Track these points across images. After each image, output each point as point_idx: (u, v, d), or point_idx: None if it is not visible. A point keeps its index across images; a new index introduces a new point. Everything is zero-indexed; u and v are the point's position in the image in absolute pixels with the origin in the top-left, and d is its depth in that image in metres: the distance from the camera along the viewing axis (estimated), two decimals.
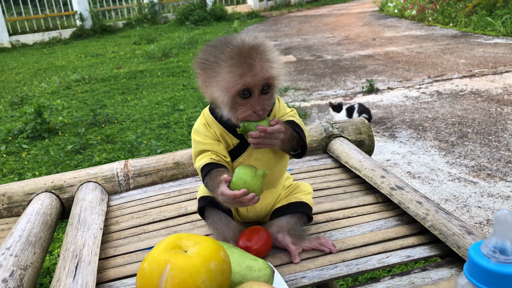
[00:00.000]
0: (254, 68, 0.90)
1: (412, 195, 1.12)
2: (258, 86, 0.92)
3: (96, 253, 0.98)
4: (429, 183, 2.87)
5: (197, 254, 0.66)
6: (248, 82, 0.91)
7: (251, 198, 0.89)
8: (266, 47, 0.94)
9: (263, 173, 0.93)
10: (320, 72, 6.05)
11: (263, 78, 0.91)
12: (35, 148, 4.05)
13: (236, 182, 0.91)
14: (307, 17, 12.75)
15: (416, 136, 3.61)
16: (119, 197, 1.40)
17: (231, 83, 0.91)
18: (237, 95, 0.93)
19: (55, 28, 12.21)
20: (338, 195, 1.28)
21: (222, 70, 0.92)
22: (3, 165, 3.72)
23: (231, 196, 0.89)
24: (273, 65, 0.94)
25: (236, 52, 0.91)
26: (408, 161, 3.20)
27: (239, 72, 0.90)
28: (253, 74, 0.90)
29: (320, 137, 1.62)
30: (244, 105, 0.94)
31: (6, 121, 4.96)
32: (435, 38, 7.58)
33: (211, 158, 1.02)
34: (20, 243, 1.02)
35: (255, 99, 0.94)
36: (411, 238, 1.02)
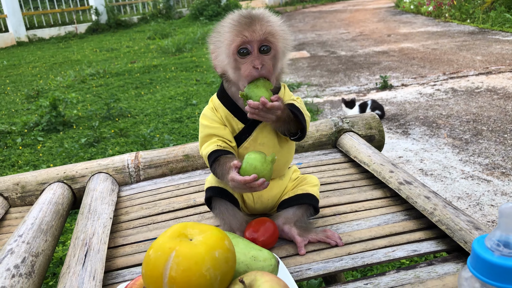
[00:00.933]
0: (252, 24, 0.95)
1: (420, 190, 1.12)
2: (256, 42, 0.96)
3: (105, 242, 1.00)
4: (442, 180, 2.84)
5: (202, 242, 0.67)
6: (246, 37, 0.95)
7: (261, 183, 0.91)
8: (269, 14, 1.00)
9: (272, 159, 0.94)
10: (333, 68, 6.02)
11: (261, 34, 0.95)
12: (50, 141, 4.11)
13: (246, 167, 0.92)
14: (322, 13, 12.67)
15: (430, 133, 3.58)
16: (129, 188, 1.43)
17: (231, 40, 0.96)
18: (237, 53, 0.96)
19: (71, 23, 12.35)
20: (346, 189, 1.28)
21: (225, 31, 0.98)
22: (19, 157, 3.79)
23: (242, 181, 0.90)
24: (273, 25, 0.97)
25: (238, 14, 0.98)
26: (421, 158, 3.17)
27: (239, 29, 0.95)
28: (251, 30, 0.95)
29: (330, 131, 1.62)
30: (244, 62, 0.97)
31: (23, 114, 5.04)
32: (451, 34, 7.47)
33: (217, 145, 1.03)
34: (32, 231, 1.04)
35: (254, 55, 0.96)
36: (418, 233, 1.02)
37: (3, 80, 7.04)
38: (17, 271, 0.90)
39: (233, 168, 0.94)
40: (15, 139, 4.17)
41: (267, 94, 0.95)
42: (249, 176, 0.90)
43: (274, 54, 0.99)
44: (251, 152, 0.95)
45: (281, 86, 1.11)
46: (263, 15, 0.98)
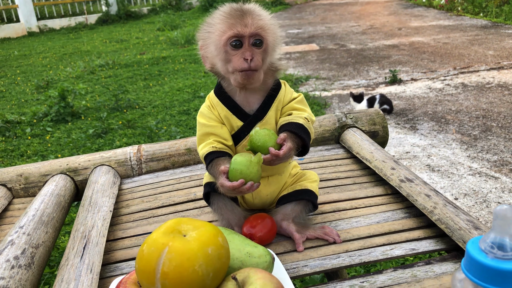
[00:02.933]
0: (244, 18, 0.96)
1: (421, 188, 1.10)
2: (248, 36, 0.96)
3: (104, 235, 1.00)
4: (449, 176, 2.82)
5: (195, 238, 0.67)
6: (238, 30, 0.95)
7: (250, 187, 0.91)
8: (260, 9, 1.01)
9: (258, 160, 0.93)
10: (342, 61, 5.97)
11: (252, 27, 0.95)
12: (58, 131, 4.14)
13: (232, 173, 0.92)
14: (332, 5, 12.56)
15: (438, 128, 3.54)
16: (131, 181, 1.43)
17: (222, 31, 0.97)
18: (228, 44, 0.97)
19: (81, 13, 12.39)
20: (347, 186, 1.27)
21: (216, 22, 0.99)
22: (28, 147, 3.83)
23: (230, 187, 0.91)
24: (265, 22, 0.98)
25: (229, 9, 0.98)
26: (428, 154, 3.14)
27: (230, 21, 0.96)
28: (243, 24, 0.95)
29: (333, 127, 1.60)
30: (235, 54, 0.97)
31: (32, 104, 5.09)
32: (463, 28, 7.37)
33: (213, 147, 1.03)
34: (33, 222, 1.05)
35: (245, 48, 0.97)
36: (417, 231, 1.01)
37: (13, 70, 7.10)
38: (16, 262, 0.91)
39: (222, 174, 0.94)
40: (25, 129, 4.21)
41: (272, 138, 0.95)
42: (237, 181, 0.90)
43: (265, 48, 0.99)
44: (237, 155, 0.94)
45: (282, 84, 1.10)
46: (254, 9, 0.98)
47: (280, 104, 1.07)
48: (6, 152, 3.76)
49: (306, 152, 1.05)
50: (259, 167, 0.93)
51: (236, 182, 0.90)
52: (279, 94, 1.07)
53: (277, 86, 1.08)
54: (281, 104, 1.07)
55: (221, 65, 1.01)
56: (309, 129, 1.04)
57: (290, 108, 1.07)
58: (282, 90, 1.08)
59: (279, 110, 1.07)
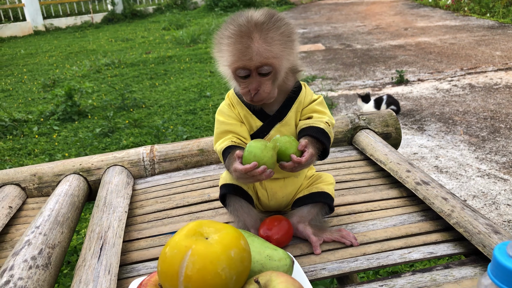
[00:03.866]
0: (250, 50, 0.91)
1: (437, 191, 1.10)
2: (254, 68, 0.93)
3: (120, 236, 1.00)
4: (457, 178, 2.80)
5: (218, 241, 0.67)
6: (243, 63, 0.93)
7: (262, 170, 0.89)
8: (272, 25, 0.93)
9: (274, 145, 0.92)
10: (349, 62, 5.95)
11: (258, 62, 0.92)
12: (65, 130, 4.15)
13: (246, 156, 0.91)
14: (338, 5, 12.52)
15: (446, 129, 3.53)
16: (144, 182, 1.43)
17: (229, 61, 0.95)
18: (236, 75, 0.96)
19: (87, 12, 12.41)
20: (361, 188, 1.27)
21: (224, 47, 0.95)
22: (35, 145, 3.84)
23: (242, 170, 0.90)
24: (273, 49, 0.93)
25: (236, 31, 0.93)
26: (436, 155, 3.13)
27: (236, 52, 0.93)
28: (247, 58, 0.92)
29: (345, 128, 1.60)
30: (242, 83, 0.97)
31: (39, 103, 5.10)
32: (470, 29, 7.33)
33: (232, 141, 1.03)
34: (49, 223, 1.05)
35: (252, 79, 0.95)
36: (435, 235, 1.00)
37: (20, 69, 7.12)
38: (34, 263, 0.91)
39: (236, 158, 0.93)
40: (32, 127, 4.22)
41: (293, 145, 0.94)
42: (249, 164, 0.89)
43: (275, 73, 0.96)
44: (252, 141, 0.94)
45: (302, 86, 1.09)
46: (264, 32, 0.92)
47: (301, 105, 1.07)
48: (13, 150, 3.77)
49: (326, 156, 1.04)
50: (274, 153, 0.92)
51: (249, 164, 0.89)
52: (299, 96, 1.07)
53: (298, 88, 1.07)
54: (301, 106, 1.07)
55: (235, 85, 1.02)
56: (330, 134, 1.03)
57: (311, 110, 1.07)
58: (303, 91, 1.08)
59: (299, 112, 1.07)
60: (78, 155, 3.47)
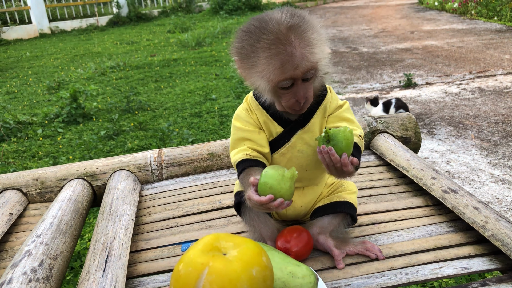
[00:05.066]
0: (294, 58, 0.82)
1: (467, 200, 1.02)
2: (301, 76, 0.85)
3: (127, 246, 0.93)
4: (470, 183, 2.73)
5: (238, 258, 0.60)
6: (290, 74, 0.83)
7: (279, 204, 0.81)
8: (305, 26, 0.85)
9: (292, 175, 0.84)
10: (355, 65, 5.89)
11: (305, 68, 0.84)
12: (69, 133, 4.11)
13: (262, 186, 0.83)
14: (343, 9, 12.48)
15: (456, 134, 3.45)
16: (151, 187, 1.36)
17: (271, 75, 0.84)
18: (278, 87, 0.86)
19: (92, 15, 12.42)
20: (383, 196, 1.19)
21: (261, 60, 0.85)
22: (39, 148, 3.79)
23: (258, 202, 0.81)
24: (315, 50, 0.85)
25: (273, 40, 0.82)
26: (447, 160, 3.05)
27: (279, 63, 0.83)
28: (294, 67, 0.83)
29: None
30: (286, 94, 0.87)
31: (44, 105, 5.06)
32: (477, 32, 7.26)
33: (247, 154, 0.95)
34: (51, 231, 0.98)
35: (298, 87, 0.86)
36: (467, 248, 0.93)
37: (25, 71, 7.10)
38: (34, 275, 0.84)
39: (251, 186, 0.85)
40: (36, 130, 4.18)
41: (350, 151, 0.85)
42: (265, 196, 0.81)
43: (315, 75, 0.89)
44: (268, 168, 0.85)
45: (328, 90, 1.02)
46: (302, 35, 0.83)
47: (326, 111, 0.99)
48: (17, 153, 3.72)
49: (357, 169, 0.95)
50: (292, 183, 0.84)
51: (264, 197, 0.80)
52: (324, 101, 0.99)
53: (323, 92, 1.00)
54: (327, 112, 0.99)
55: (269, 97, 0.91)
56: (361, 148, 0.96)
57: (339, 119, 0.99)
58: (328, 96, 1.00)
59: (325, 118, 0.99)
60: (82, 158, 3.41)
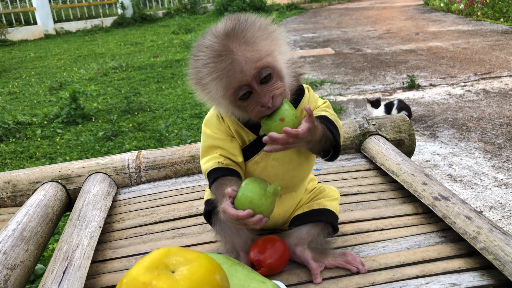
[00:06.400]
0: (236, 63, 0.75)
1: (459, 208, 0.94)
2: (252, 78, 0.77)
3: (89, 256, 0.87)
4: (472, 187, 2.65)
5: (186, 277, 0.53)
6: (237, 82, 0.76)
7: (257, 220, 0.74)
8: (246, 26, 0.77)
9: (275, 191, 0.77)
10: (358, 66, 5.82)
11: (252, 70, 0.76)
12: (68, 133, 4.08)
13: (241, 200, 0.76)
14: (348, 10, 12.42)
15: (459, 136, 3.38)
16: (128, 191, 1.29)
17: (222, 90, 0.78)
18: (236, 99, 0.78)
19: (97, 16, 12.44)
20: (371, 202, 1.11)
21: (207, 80, 0.79)
22: (37, 148, 3.76)
23: (234, 216, 0.74)
24: (260, 48, 0.77)
25: (209, 54, 0.77)
26: (449, 163, 2.98)
27: (224, 75, 0.76)
28: (239, 72, 0.75)
29: (353, 134, 1.44)
30: (249, 104, 0.79)
31: (44, 106, 5.04)
32: (483, 33, 7.16)
33: (219, 162, 0.87)
34: (12, 238, 0.92)
35: (257, 93, 0.78)
36: (457, 261, 0.85)
37: (28, 71, 7.11)
38: None
39: (227, 197, 0.77)
40: (35, 130, 4.16)
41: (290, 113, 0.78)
42: (243, 211, 0.74)
43: (278, 73, 0.80)
44: (249, 180, 0.78)
45: (305, 90, 0.93)
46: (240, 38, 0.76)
47: (303, 113, 0.90)
48: (15, 153, 3.70)
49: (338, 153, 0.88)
50: (274, 200, 0.77)
51: (243, 211, 0.73)
52: (301, 103, 0.90)
53: (299, 92, 0.91)
54: (304, 113, 0.90)
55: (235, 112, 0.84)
56: (336, 122, 0.87)
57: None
58: (305, 97, 0.92)
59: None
60: (79, 159, 3.37)
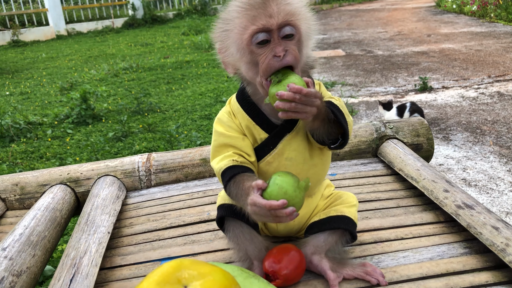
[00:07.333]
0: (268, 7, 0.76)
1: (485, 217, 0.89)
2: (276, 27, 0.76)
3: (96, 264, 0.84)
4: (487, 192, 2.60)
5: None
6: (262, 23, 0.76)
7: (290, 212, 0.71)
8: None
9: (306, 185, 0.75)
10: (370, 68, 5.76)
11: (280, 16, 0.76)
12: (79, 134, 4.08)
13: (274, 191, 0.73)
14: (359, 11, 12.34)
15: (473, 140, 3.32)
16: (138, 195, 1.26)
17: (242, 28, 0.78)
18: (253, 43, 0.77)
19: (108, 17, 12.50)
20: (389, 210, 1.07)
21: (234, 17, 0.79)
22: (47, 149, 3.77)
23: (267, 206, 0.71)
24: (295, 8, 0.78)
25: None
26: (464, 167, 2.92)
27: (251, 14, 0.77)
28: (267, 14, 0.76)
29: (370, 137, 1.40)
30: (263, 53, 0.77)
31: (55, 106, 5.06)
32: (497, 35, 7.06)
33: (233, 160, 0.83)
34: (19, 243, 0.89)
35: (275, 42, 0.77)
36: (484, 274, 0.80)
37: (40, 72, 7.16)
38: None
39: (255, 189, 0.74)
40: (46, 130, 4.17)
41: (300, 82, 0.75)
42: (277, 201, 0.70)
43: (299, 38, 0.79)
44: (281, 172, 0.75)
45: (316, 85, 0.90)
46: None
47: None
48: (26, 153, 3.71)
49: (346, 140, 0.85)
50: (304, 194, 0.75)
51: (277, 201, 0.70)
52: None
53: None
54: None
55: (247, 69, 0.81)
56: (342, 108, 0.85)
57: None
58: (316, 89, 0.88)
59: None
60: (89, 160, 3.36)
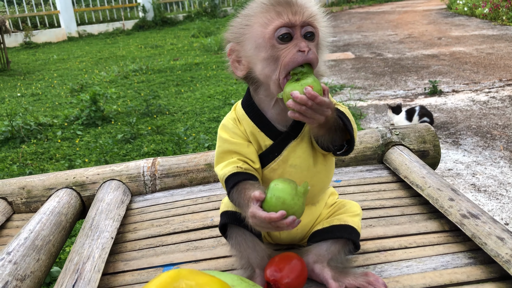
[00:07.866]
0: (293, 5, 0.79)
1: (490, 228, 0.88)
2: (300, 25, 0.78)
3: (99, 269, 0.84)
4: (497, 198, 2.57)
5: None
6: (287, 18, 0.78)
7: (291, 222, 0.71)
8: None
9: (305, 190, 0.74)
10: (379, 71, 5.73)
11: (304, 15, 0.78)
12: (88, 135, 4.12)
13: (272, 201, 0.72)
14: (369, 14, 12.29)
15: (483, 144, 3.28)
16: (142, 199, 1.27)
17: (266, 22, 0.79)
18: (275, 38, 0.78)
19: (119, 19, 12.61)
20: (393, 218, 1.06)
21: (256, 13, 0.81)
22: (57, 150, 3.81)
23: (266, 219, 0.71)
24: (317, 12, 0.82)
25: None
26: (473, 172, 2.89)
27: (276, 10, 0.78)
28: (292, 11, 0.78)
29: (375, 144, 1.39)
30: (285, 48, 0.78)
31: (65, 107, 5.11)
32: (509, 38, 6.99)
33: (237, 167, 0.83)
34: (24, 248, 0.90)
35: (298, 38, 0.78)
36: (489, 285, 0.79)
37: (51, 73, 7.24)
38: None
39: (254, 200, 0.74)
40: (56, 132, 4.22)
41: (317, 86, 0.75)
42: (276, 213, 0.70)
43: (317, 42, 0.81)
44: (278, 181, 0.75)
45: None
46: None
47: None
48: (36, 154, 3.75)
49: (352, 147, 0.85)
50: (304, 200, 0.74)
51: (276, 213, 0.70)
52: None
53: None
54: None
55: (263, 65, 0.80)
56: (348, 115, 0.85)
57: None
58: None
59: None
60: (98, 161, 3.39)
